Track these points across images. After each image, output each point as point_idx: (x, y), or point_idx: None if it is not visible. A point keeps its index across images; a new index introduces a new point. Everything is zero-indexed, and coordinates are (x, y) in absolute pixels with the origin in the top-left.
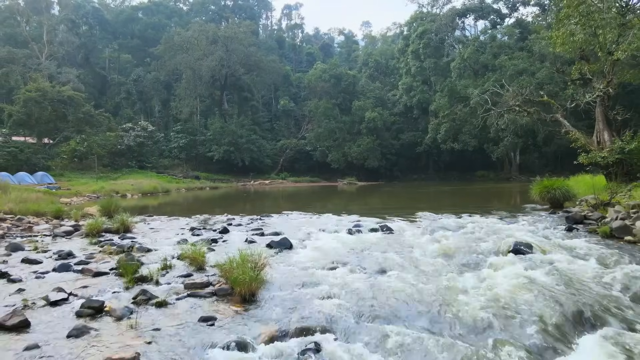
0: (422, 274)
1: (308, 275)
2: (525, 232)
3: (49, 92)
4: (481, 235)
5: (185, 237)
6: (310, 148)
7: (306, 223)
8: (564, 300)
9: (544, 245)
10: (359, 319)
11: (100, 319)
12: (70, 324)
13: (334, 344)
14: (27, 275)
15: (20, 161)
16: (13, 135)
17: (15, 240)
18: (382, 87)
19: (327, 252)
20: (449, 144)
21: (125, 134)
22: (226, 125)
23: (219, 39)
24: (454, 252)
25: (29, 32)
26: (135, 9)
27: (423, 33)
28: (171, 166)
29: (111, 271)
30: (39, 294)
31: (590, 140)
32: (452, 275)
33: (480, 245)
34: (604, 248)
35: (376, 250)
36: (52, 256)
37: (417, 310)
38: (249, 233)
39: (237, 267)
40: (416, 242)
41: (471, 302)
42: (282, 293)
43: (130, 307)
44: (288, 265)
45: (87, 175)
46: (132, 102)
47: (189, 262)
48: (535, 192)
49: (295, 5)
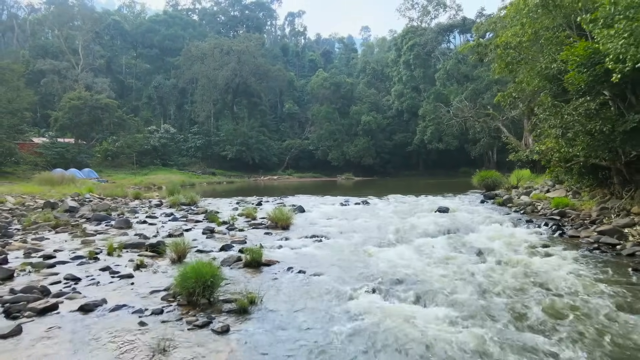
0: (380, 219)
1: (315, 221)
2: (454, 203)
3: (88, 100)
4: (424, 204)
5: (236, 207)
6: (312, 147)
7: (313, 201)
8: (446, 225)
9: (457, 208)
10: (340, 234)
11: (214, 234)
12: (202, 236)
13: (328, 240)
14: (157, 223)
15: (66, 159)
16: (58, 138)
17: (132, 204)
18: (377, 93)
19: (326, 212)
20: (434, 144)
21: (151, 135)
22: (238, 128)
23: (232, 51)
24: (402, 211)
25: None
26: (154, 21)
27: (413, 45)
28: (189, 164)
29: (203, 220)
30: (173, 228)
31: (520, 143)
32: (396, 219)
33: (419, 208)
34: (490, 210)
35: (355, 212)
36: (160, 216)
37: (373, 229)
38: (275, 204)
39: (278, 215)
40: (381, 208)
41: (399, 227)
42: (301, 226)
43: (226, 230)
44: (303, 218)
45: (120, 172)
46: (152, 106)
47: (246, 216)
48: (475, 181)
49: (298, 12)
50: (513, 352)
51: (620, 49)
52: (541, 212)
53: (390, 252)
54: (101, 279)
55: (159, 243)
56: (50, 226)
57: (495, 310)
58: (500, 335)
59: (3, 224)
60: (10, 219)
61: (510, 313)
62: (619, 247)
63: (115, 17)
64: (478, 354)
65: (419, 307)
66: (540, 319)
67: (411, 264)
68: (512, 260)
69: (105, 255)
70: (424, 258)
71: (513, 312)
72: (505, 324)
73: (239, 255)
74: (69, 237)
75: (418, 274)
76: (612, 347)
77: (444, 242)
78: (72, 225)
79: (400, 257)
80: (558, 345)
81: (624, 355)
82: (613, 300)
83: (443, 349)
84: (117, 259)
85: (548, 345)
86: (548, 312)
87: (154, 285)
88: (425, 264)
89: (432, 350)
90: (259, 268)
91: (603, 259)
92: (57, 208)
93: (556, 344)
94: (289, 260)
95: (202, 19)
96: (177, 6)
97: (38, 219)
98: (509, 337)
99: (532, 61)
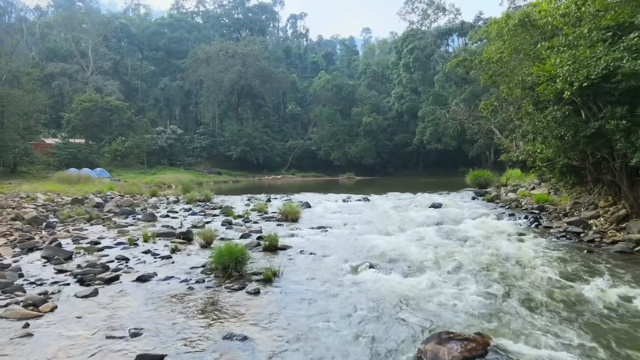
0: (379, 214)
1: (320, 215)
2: (447, 199)
3: (99, 102)
4: (420, 200)
5: (247, 203)
6: (315, 148)
7: (317, 198)
8: (438, 218)
9: (450, 204)
10: (343, 225)
11: (232, 225)
12: (222, 227)
13: (333, 230)
14: (179, 216)
15: (78, 159)
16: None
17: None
18: (378, 95)
19: (330, 208)
20: (433, 144)
21: (158, 136)
22: (242, 128)
23: (237, 54)
24: (399, 206)
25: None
26: (159, 24)
27: (413, 49)
28: (195, 164)
29: (220, 214)
30: (194, 221)
31: (511, 145)
32: (394, 213)
33: (415, 204)
34: (479, 205)
35: (357, 207)
36: (179, 211)
37: (372, 222)
38: (283, 200)
39: (287, 209)
40: (380, 204)
41: (395, 219)
42: (308, 219)
43: (242, 222)
44: (310, 212)
45: (129, 171)
46: (159, 107)
47: (258, 211)
48: (469, 179)
49: (300, 14)
50: (473, 303)
51: (566, 73)
52: (524, 207)
53: (386, 239)
54: (146, 259)
55: (188, 231)
56: (84, 219)
57: (466, 277)
58: (465, 290)
59: (43, 217)
60: (46, 213)
61: (475, 278)
62: (582, 235)
63: (122, 20)
64: (445, 306)
65: (406, 278)
66: (498, 281)
67: (404, 248)
68: (488, 244)
69: (142, 242)
70: (415, 244)
71: (477, 278)
72: (471, 280)
73: (258, 242)
74: (104, 228)
75: (408, 255)
76: (545, 297)
77: (434, 232)
78: (102, 218)
79: (395, 243)
80: (503, 298)
81: (552, 303)
82: (559, 270)
83: (423, 299)
84: (153, 245)
85: (498, 298)
86: (504, 277)
87: (191, 263)
88: (415, 248)
89: (415, 300)
90: (275, 251)
91: (566, 243)
92: (84, 204)
93: (503, 297)
94: (301, 245)
95: (206, 22)
96: (182, 9)
97: (72, 213)
98: (471, 291)
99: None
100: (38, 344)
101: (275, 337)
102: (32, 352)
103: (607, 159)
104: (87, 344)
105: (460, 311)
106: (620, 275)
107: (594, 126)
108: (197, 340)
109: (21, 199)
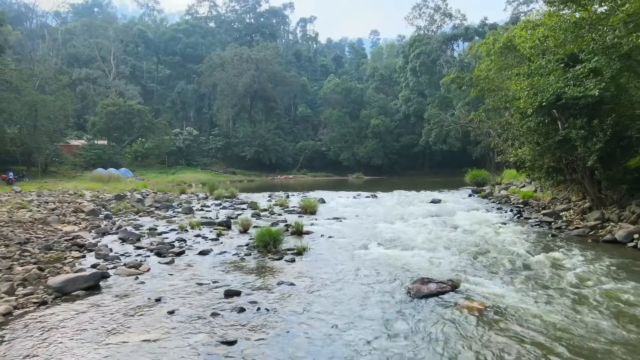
0: (385, 207)
1: (334, 208)
2: (446, 196)
3: (122, 106)
4: (422, 197)
5: (269, 199)
6: (325, 149)
7: (330, 195)
8: (433, 211)
9: (448, 200)
10: (355, 216)
11: (261, 217)
12: (252, 218)
13: (346, 220)
14: (212, 210)
15: (103, 160)
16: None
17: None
18: (385, 97)
19: (342, 203)
20: (438, 145)
21: (176, 137)
22: (255, 130)
23: (251, 60)
24: (403, 202)
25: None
26: (175, 30)
27: (419, 54)
28: (210, 164)
29: (247, 208)
30: (227, 214)
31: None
32: (398, 207)
33: (417, 200)
34: (473, 201)
35: (366, 202)
36: (211, 205)
37: (379, 214)
38: (300, 197)
39: (306, 203)
40: (387, 200)
41: (399, 212)
42: (324, 212)
43: (269, 214)
44: (325, 207)
45: (149, 171)
46: (175, 110)
47: (280, 205)
48: (468, 178)
49: (309, 18)
50: (450, 265)
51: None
52: (512, 202)
53: (390, 227)
54: (199, 240)
55: (227, 220)
56: (133, 212)
57: (448, 250)
58: (445, 258)
59: (98, 210)
60: (98, 207)
61: (455, 251)
62: (552, 224)
63: (140, 26)
64: (430, 266)
65: (402, 251)
66: (472, 253)
67: (405, 233)
68: (473, 230)
69: (189, 229)
70: (413, 230)
71: (457, 251)
72: (453, 253)
73: (286, 228)
74: (152, 219)
75: (406, 237)
76: (504, 262)
77: (430, 221)
78: (147, 211)
79: (398, 229)
80: (473, 262)
81: (507, 265)
82: (522, 247)
83: (415, 264)
84: (200, 231)
85: (469, 262)
86: (479, 251)
87: (236, 243)
88: (412, 233)
89: (409, 266)
90: (301, 235)
91: (537, 230)
92: (125, 199)
93: (473, 262)
94: (321, 231)
95: (219, 27)
96: (196, 14)
97: (120, 207)
98: (450, 258)
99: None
100: (152, 287)
101: (311, 284)
102: (151, 290)
103: (575, 161)
104: (186, 286)
105: (440, 269)
106: (565, 250)
107: (562, 134)
108: (261, 286)
109: (70, 195)
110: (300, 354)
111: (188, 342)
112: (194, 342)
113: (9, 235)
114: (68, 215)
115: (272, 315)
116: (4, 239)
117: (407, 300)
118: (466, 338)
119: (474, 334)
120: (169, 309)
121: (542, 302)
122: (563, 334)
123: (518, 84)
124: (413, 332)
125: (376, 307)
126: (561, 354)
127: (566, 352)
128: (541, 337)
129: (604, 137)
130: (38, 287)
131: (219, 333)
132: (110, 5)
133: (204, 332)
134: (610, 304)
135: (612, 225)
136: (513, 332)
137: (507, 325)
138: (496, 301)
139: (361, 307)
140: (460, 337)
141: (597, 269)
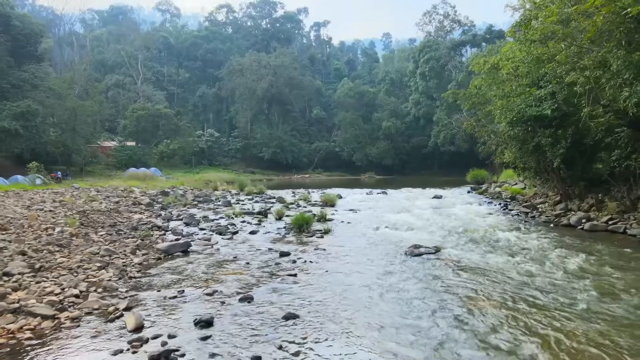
0: (393, 201)
1: (350, 202)
2: (448, 192)
3: (150, 110)
4: (426, 193)
5: (293, 194)
6: (339, 149)
7: (346, 192)
8: (434, 204)
9: (448, 196)
10: (368, 208)
11: (289, 208)
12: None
13: (361, 211)
14: (246, 203)
15: (134, 160)
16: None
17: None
18: (396, 100)
19: (357, 198)
20: (447, 146)
21: (198, 139)
22: (273, 132)
23: (269, 65)
24: (409, 197)
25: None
26: (196, 36)
27: (429, 59)
28: (230, 164)
29: (276, 202)
30: (260, 206)
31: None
32: (404, 201)
33: (423, 195)
34: (470, 196)
35: (377, 198)
36: (244, 200)
37: (389, 206)
38: (320, 193)
39: (327, 197)
40: (396, 196)
41: (405, 205)
42: (342, 205)
43: (296, 206)
44: (342, 201)
45: (175, 170)
46: (196, 112)
47: (303, 199)
48: (469, 177)
49: (323, 22)
50: (438, 239)
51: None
52: (503, 197)
53: (397, 216)
54: (245, 225)
55: (265, 210)
56: (181, 204)
57: (439, 231)
58: (435, 235)
59: (152, 202)
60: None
61: (447, 232)
62: (529, 214)
63: (163, 33)
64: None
65: (405, 232)
66: (457, 233)
67: (407, 220)
68: (463, 218)
69: (234, 217)
70: (415, 218)
71: (445, 232)
72: (443, 232)
73: (313, 215)
74: (198, 210)
75: (409, 223)
76: (479, 238)
77: (430, 212)
78: (192, 204)
79: (402, 217)
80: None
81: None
82: (498, 229)
83: (413, 238)
84: (243, 219)
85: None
86: (463, 232)
87: (275, 227)
88: (414, 220)
89: (408, 240)
90: (325, 221)
91: (515, 218)
92: (169, 195)
93: (456, 238)
94: (341, 218)
95: (236, 32)
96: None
97: (169, 200)
98: (439, 235)
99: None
100: (226, 252)
101: (337, 250)
102: (226, 254)
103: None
104: (249, 251)
105: (429, 241)
106: (527, 231)
107: (535, 141)
108: (303, 250)
109: (122, 191)
110: (335, 281)
111: (264, 275)
112: (268, 274)
113: (99, 220)
114: (130, 207)
115: (314, 264)
116: (98, 223)
117: (403, 258)
118: (438, 277)
119: (442, 274)
120: (245, 262)
121: (493, 259)
122: (501, 275)
123: (494, 104)
124: (405, 273)
125: (383, 260)
126: (498, 282)
127: (500, 280)
128: (485, 275)
129: (566, 144)
130: (149, 251)
131: (284, 271)
132: (132, 11)
133: (274, 272)
134: (542, 259)
135: (572, 214)
136: (468, 274)
137: (465, 270)
138: (463, 258)
139: (372, 261)
140: (433, 276)
141: (544, 242)
